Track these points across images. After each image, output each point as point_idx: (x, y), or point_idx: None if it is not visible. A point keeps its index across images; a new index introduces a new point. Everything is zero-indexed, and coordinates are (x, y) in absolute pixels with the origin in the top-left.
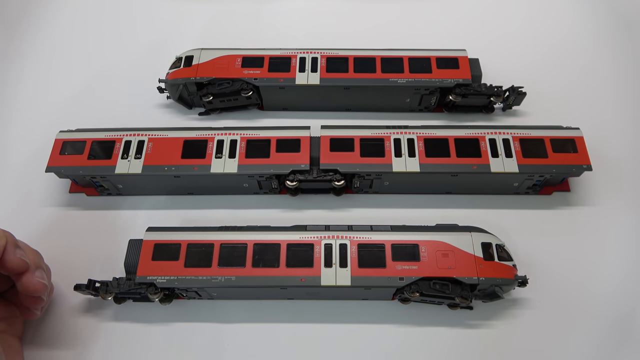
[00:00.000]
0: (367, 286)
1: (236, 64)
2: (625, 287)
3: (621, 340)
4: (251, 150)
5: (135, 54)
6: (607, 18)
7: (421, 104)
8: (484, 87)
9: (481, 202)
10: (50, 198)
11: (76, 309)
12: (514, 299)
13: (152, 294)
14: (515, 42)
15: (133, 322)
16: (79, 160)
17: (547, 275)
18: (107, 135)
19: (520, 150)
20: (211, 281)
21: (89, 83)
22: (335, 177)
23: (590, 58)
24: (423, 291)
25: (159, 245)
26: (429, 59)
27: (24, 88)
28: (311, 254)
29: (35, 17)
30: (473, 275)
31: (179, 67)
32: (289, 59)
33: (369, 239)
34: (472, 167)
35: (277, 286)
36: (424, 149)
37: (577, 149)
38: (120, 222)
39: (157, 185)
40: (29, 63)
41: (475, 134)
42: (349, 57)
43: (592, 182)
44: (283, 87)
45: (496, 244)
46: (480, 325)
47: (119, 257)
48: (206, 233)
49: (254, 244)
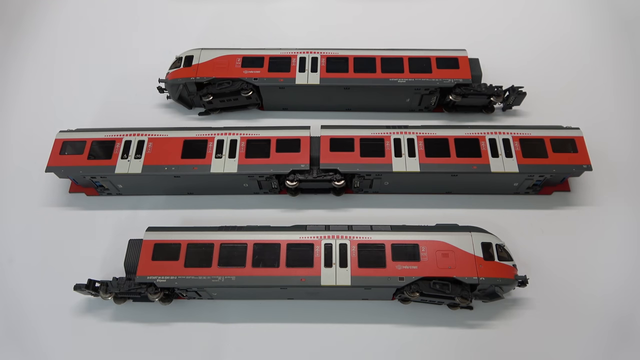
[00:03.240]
0: (367, 286)
1: (236, 64)
2: (625, 287)
3: (621, 341)
4: (251, 150)
5: (135, 53)
6: (607, 17)
7: (421, 104)
8: (484, 87)
9: (481, 202)
10: (50, 198)
11: (76, 309)
12: (514, 299)
13: (152, 294)
14: (515, 42)
15: (133, 322)
16: (79, 160)
17: (547, 275)
18: (107, 135)
19: (520, 150)
20: (211, 281)
21: (89, 83)
22: (335, 177)
23: (590, 58)
24: (423, 291)
25: (159, 245)
26: (429, 59)
27: (23, 88)
28: (311, 254)
29: (35, 16)
30: (473, 275)
31: (179, 67)
32: (289, 59)
33: (369, 238)
34: (472, 167)
35: (277, 286)
36: (424, 148)
37: (577, 149)
38: (120, 222)
39: (157, 185)
40: (29, 63)
41: (475, 134)
42: (349, 57)
43: (592, 182)
44: (283, 87)
45: (496, 244)
46: (480, 325)
47: (119, 257)
48: (206, 233)
49: (254, 243)
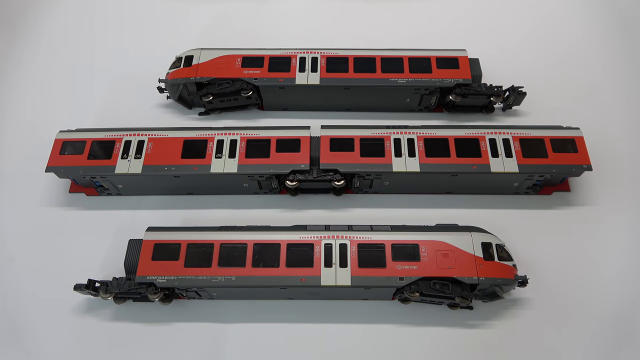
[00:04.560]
0: (367, 286)
1: (236, 64)
2: (625, 287)
3: (621, 341)
4: (251, 150)
5: (135, 53)
6: (607, 17)
7: (421, 103)
8: (484, 87)
9: (481, 202)
10: (50, 198)
11: (76, 309)
12: (514, 299)
13: (152, 294)
14: (516, 42)
15: (133, 322)
16: (79, 160)
17: (547, 275)
18: (107, 135)
19: (520, 150)
20: (211, 281)
21: (89, 83)
22: (335, 177)
23: (590, 58)
24: (423, 291)
25: (158, 245)
26: (429, 59)
27: (24, 88)
28: (311, 254)
29: (35, 16)
30: (473, 275)
31: (179, 67)
32: (289, 59)
33: (369, 238)
34: (472, 167)
35: (277, 286)
36: (424, 148)
37: (577, 149)
38: (120, 222)
39: (157, 185)
40: (29, 62)
41: (475, 133)
42: (349, 57)
43: (592, 182)
44: (283, 87)
45: (496, 244)
46: (480, 325)
47: (119, 257)
48: (206, 233)
49: (254, 243)
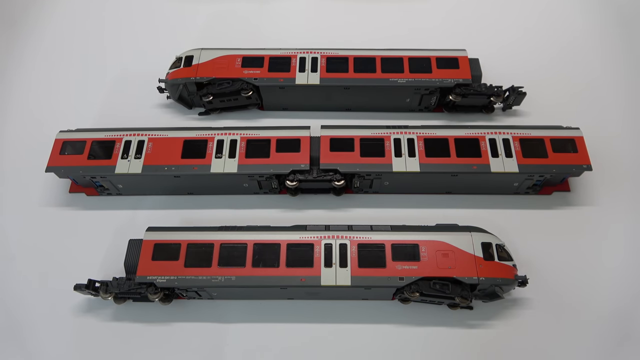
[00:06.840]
0: (367, 286)
1: (236, 64)
2: (625, 287)
3: (621, 341)
4: (251, 150)
5: (135, 53)
6: (607, 17)
7: (421, 103)
8: (484, 87)
9: (481, 202)
10: (50, 198)
11: (76, 309)
12: (514, 299)
13: (152, 294)
14: (515, 42)
15: (133, 322)
16: (79, 160)
17: (547, 275)
18: (107, 135)
19: (520, 150)
20: (211, 281)
21: (89, 83)
22: (335, 177)
23: (590, 58)
24: (423, 291)
25: (158, 245)
26: (429, 59)
27: (24, 88)
28: (311, 254)
29: (35, 16)
30: (473, 275)
31: (179, 67)
32: (289, 59)
33: (369, 238)
34: (472, 167)
35: (277, 286)
36: (424, 148)
37: (577, 149)
38: (120, 222)
39: (157, 185)
40: (29, 63)
41: (475, 133)
42: (349, 57)
43: (592, 182)
44: (283, 87)
45: (496, 244)
46: (480, 325)
47: (119, 257)
48: (206, 233)
49: (254, 243)
